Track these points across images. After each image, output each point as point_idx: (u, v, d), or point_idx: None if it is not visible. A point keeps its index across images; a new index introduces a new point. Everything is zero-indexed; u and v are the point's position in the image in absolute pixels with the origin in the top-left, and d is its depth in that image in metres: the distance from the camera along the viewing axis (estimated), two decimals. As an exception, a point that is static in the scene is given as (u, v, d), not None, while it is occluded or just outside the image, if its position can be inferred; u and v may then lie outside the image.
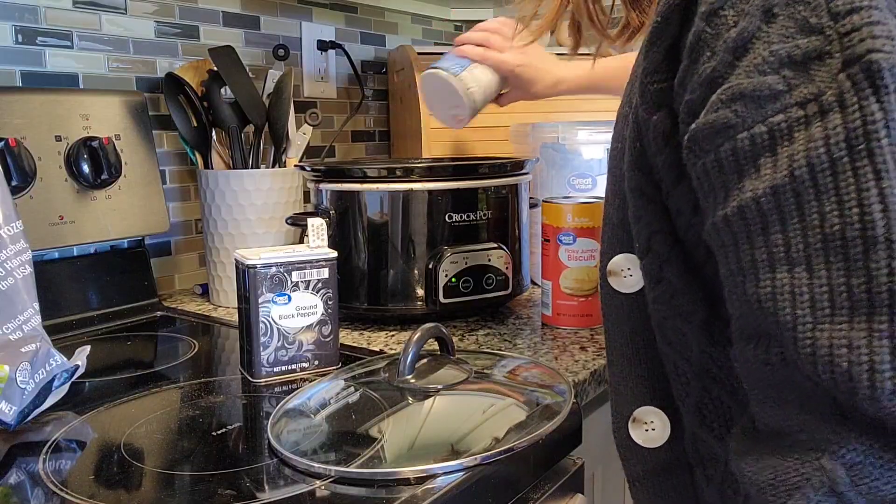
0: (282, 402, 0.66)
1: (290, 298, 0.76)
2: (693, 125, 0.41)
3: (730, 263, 0.40)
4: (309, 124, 1.16)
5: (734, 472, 0.43)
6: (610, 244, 0.53)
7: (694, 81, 0.41)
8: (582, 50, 0.69)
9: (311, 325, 0.77)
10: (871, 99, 0.34)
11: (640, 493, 0.54)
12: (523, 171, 0.97)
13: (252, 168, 1.08)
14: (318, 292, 0.77)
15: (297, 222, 0.94)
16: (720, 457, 0.49)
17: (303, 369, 0.77)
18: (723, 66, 0.39)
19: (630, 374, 0.53)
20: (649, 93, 0.45)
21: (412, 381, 0.68)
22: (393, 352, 0.83)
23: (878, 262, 0.34)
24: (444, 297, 0.90)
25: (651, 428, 0.52)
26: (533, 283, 1.11)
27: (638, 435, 0.53)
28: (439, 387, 0.67)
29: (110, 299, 1.00)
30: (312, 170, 0.95)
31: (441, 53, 1.42)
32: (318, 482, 0.54)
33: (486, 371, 0.72)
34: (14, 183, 0.88)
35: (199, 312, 1.04)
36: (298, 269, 0.76)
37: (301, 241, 1.07)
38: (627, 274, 0.52)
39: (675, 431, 0.52)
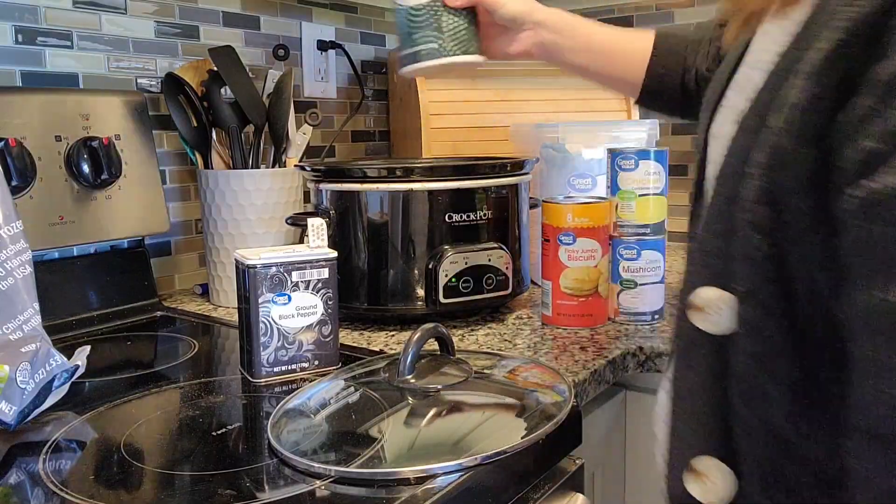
0: (282, 402, 0.66)
1: (290, 298, 0.76)
2: (875, 184, 0.34)
3: (879, 354, 0.35)
4: (309, 124, 1.16)
5: None
6: (697, 272, 0.46)
7: (885, 130, 0.34)
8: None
9: (311, 325, 0.77)
10: None
11: None
12: (523, 171, 0.97)
13: (252, 168, 1.08)
14: (318, 292, 0.77)
15: (297, 222, 0.94)
16: None
17: (303, 369, 0.77)
18: None
19: (695, 420, 0.47)
20: (807, 123, 0.38)
21: (412, 381, 0.68)
22: (393, 352, 0.83)
23: None
24: (444, 297, 0.90)
25: (710, 481, 0.46)
26: (533, 283, 1.11)
27: (694, 487, 0.47)
28: (439, 387, 0.67)
29: (110, 299, 1.00)
30: (312, 170, 0.95)
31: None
32: (318, 482, 0.54)
33: (486, 371, 0.72)
34: (14, 183, 0.88)
35: (199, 312, 1.04)
36: (298, 269, 0.76)
37: (301, 241, 1.07)
38: (716, 312, 0.45)
39: (739, 490, 0.46)
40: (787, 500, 0.44)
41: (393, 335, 0.91)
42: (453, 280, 0.90)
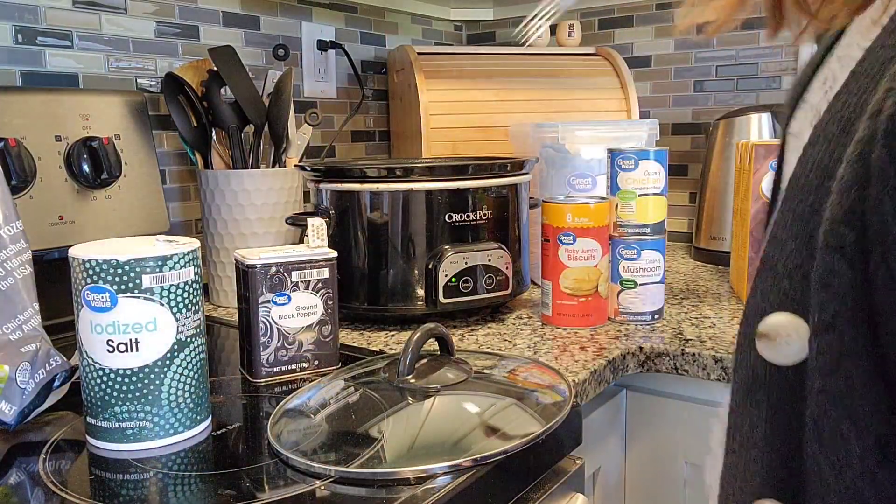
0: (282, 402, 0.66)
1: (289, 298, 0.76)
2: None
3: None
4: (309, 124, 1.16)
5: None
6: (765, 292, 0.42)
7: None
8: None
9: (311, 325, 0.77)
10: None
11: None
12: (523, 171, 0.97)
13: (252, 168, 1.08)
14: (317, 292, 0.77)
15: (297, 222, 0.94)
16: None
17: (303, 369, 0.77)
18: None
19: (757, 461, 0.43)
20: None
21: (412, 381, 0.68)
22: (393, 352, 0.83)
23: None
24: (444, 297, 0.90)
25: None
26: (533, 283, 1.11)
27: None
28: (439, 387, 0.67)
29: (110, 299, 1.00)
30: (312, 170, 0.95)
31: (441, 53, 1.42)
32: (318, 482, 0.54)
33: (486, 371, 0.72)
34: (14, 183, 0.88)
35: (199, 312, 1.04)
36: (298, 269, 0.76)
37: (301, 241, 1.07)
38: (785, 341, 0.41)
39: None
40: None
41: (393, 335, 0.91)
42: (453, 280, 0.90)
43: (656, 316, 0.95)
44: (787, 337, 0.40)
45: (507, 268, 0.93)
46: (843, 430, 0.38)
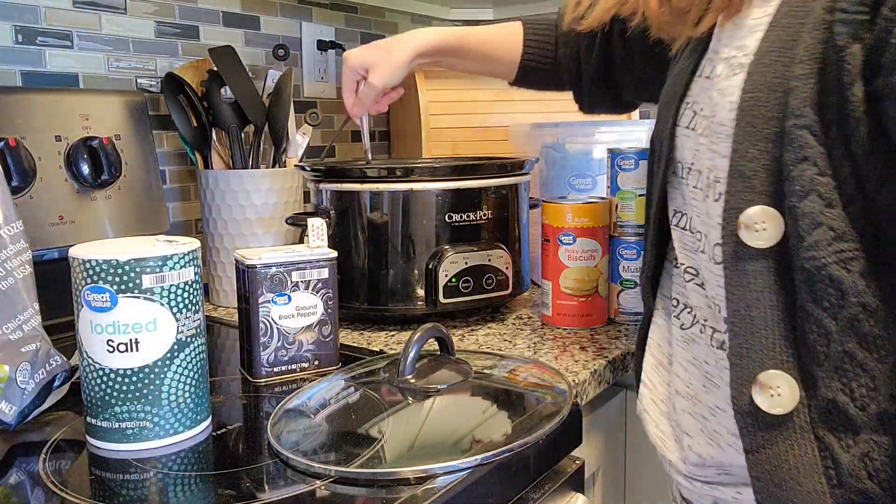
0: (282, 402, 0.66)
1: (290, 298, 0.76)
2: None
3: None
4: (309, 124, 1.16)
5: None
6: (737, 199, 0.51)
7: None
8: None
9: (311, 325, 0.77)
10: None
11: (758, 464, 0.51)
12: (523, 171, 0.97)
13: (252, 168, 1.08)
14: (318, 292, 0.77)
15: (297, 222, 0.94)
16: (860, 425, 0.48)
17: (303, 369, 0.77)
18: None
19: (756, 336, 0.51)
20: (853, 22, 0.45)
21: (412, 381, 0.68)
22: (393, 352, 0.83)
23: None
24: (444, 297, 0.90)
25: (777, 394, 0.50)
26: (533, 283, 1.11)
27: (763, 401, 0.50)
28: (439, 387, 0.67)
29: (110, 299, 1.00)
30: (312, 170, 0.95)
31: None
32: (318, 482, 0.54)
33: (486, 371, 0.72)
34: (14, 183, 0.88)
35: (199, 312, 1.04)
36: (298, 269, 0.76)
37: (301, 241, 1.07)
38: (761, 227, 0.50)
39: (803, 398, 0.50)
40: (865, 397, 0.47)
41: (393, 335, 0.91)
42: (453, 280, 0.90)
43: (656, 316, 0.95)
44: (763, 223, 0.50)
45: (507, 268, 0.93)
46: (834, 272, 0.46)
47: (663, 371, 0.66)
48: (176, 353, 0.60)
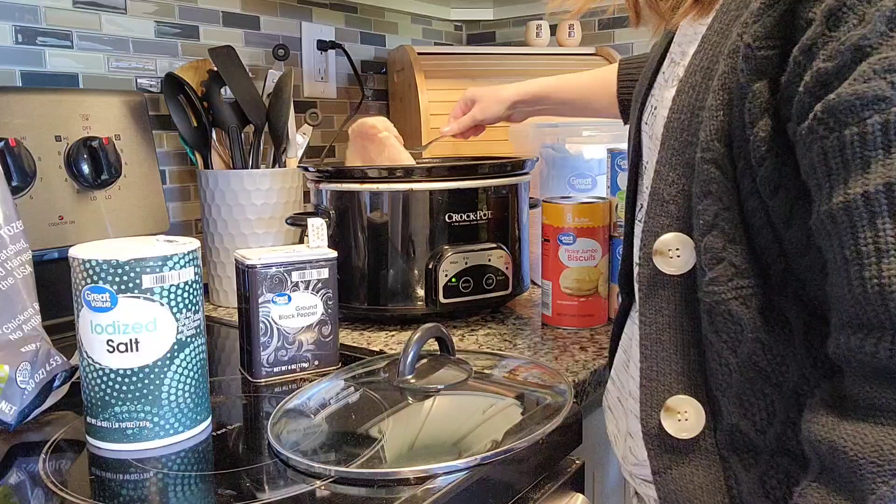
0: (282, 402, 0.66)
1: (290, 298, 0.76)
2: (832, 95, 0.39)
3: (845, 250, 0.39)
4: (309, 124, 1.16)
5: (812, 445, 0.42)
6: (656, 222, 0.51)
7: (831, 49, 0.39)
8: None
9: (311, 325, 0.77)
10: None
11: (665, 485, 0.53)
12: (523, 171, 0.97)
13: (252, 168, 1.08)
14: (318, 292, 0.77)
15: (297, 222, 0.94)
16: (760, 448, 0.49)
17: (303, 369, 0.77)
18: (875, 36, 0.38)
19: (666, 361, 0.52)
20: (755, 59, 0.43)
21: (412, 381, 0.68)
22: (393, 352, 0.83)
23: None
24: (444, 297, 0.89)
25: (685, 418, 0.51)
26: (533, 283, 1.11)
27: (670, 425, 0.51)
28: (439, 387, 0.67)
29: (110, 299, 1.00)
30: (313, 170, 0.95)
31: (441, 53, 1.42)
32: (318, 482, 0.54)
33: (486, 371, 0.72)
34: (14, 183, 0.88)
35: (199, 312, 1.04)
36: (298, 269, 0.76)
37: (301, 241, 1.07)
38: (675, 255, 0.50)
39: (709, 422, 0.51)
40: (764, 421, 0.48)
41: (393, 335, 0.91)
42: (453, 280, 0.90)
43: (656, 316, 0.95)
44: (677, 250, 0.50)
45: (507, 268, 0.93)
46: (732, 308, 0.46)
47: (625, 370, 0.66)
48: (176, 353, 0.60)
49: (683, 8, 0.52)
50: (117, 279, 0.57)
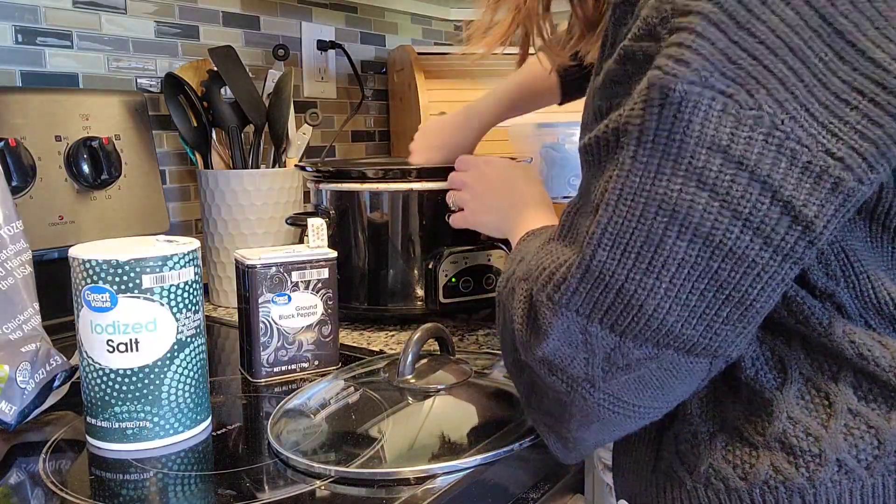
0: (282, 402, 0.66)
1: (290, 298, 0.76)
2: (591, 133, 0.49)
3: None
4: (309, 124, 1.16)
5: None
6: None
7: (602, 93, 0.48)
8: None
9: (311, 325, 0.77)
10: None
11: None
12: (523, 171, 0.96)
13: (252, 168, 1.08)
14: (318, 292, 0.77)
15: (297, 222, 0.94)
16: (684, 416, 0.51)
17: (303, 369, 0.77)
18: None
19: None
20: (604, 98, 0.49)
21: (412, 381, 0.68)
22: (393, 352, 0.83)
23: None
24: (444, 297, 0.89)
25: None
26: (533, 283, 1.11)
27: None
28: (439, 387, 0.67)
29: (110, 299, 1.00)
30: (313, 170, 0.95)
31: (441, 53, 1.42)
32: (318, 482, 0.54)
33: (486, 371, 0.72)
34: (14, 183, 0.88)
35: (199, 312, 1.04)
36: (298, 269, 0.76)
37: (301, 241, 1.07)
38: None
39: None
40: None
41: (393, 335, 0.91)
42: (453, 280, 0.90)
43: (656, 316, 0.95)
44: None
45: (507, 268, 0.93)
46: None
47: None
48: (176, 353, 0.60)
49: (570, 44, 0.59)
50: (117, 279, 0.57)
